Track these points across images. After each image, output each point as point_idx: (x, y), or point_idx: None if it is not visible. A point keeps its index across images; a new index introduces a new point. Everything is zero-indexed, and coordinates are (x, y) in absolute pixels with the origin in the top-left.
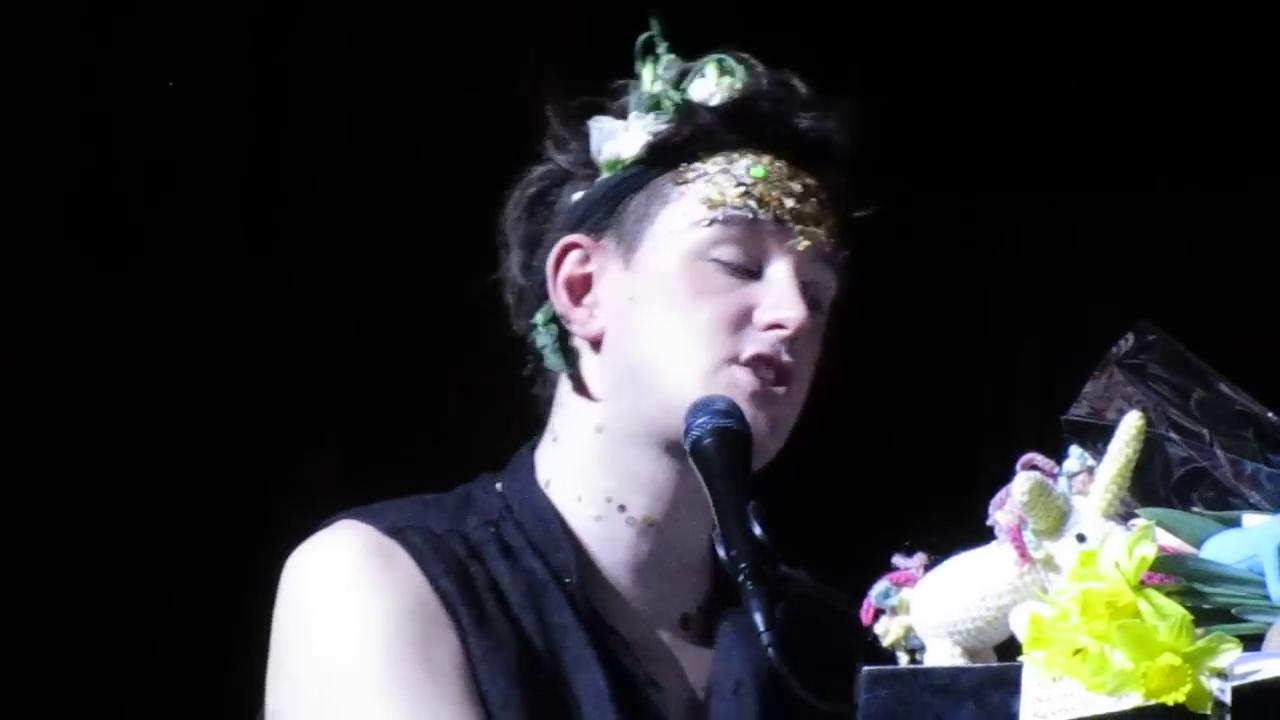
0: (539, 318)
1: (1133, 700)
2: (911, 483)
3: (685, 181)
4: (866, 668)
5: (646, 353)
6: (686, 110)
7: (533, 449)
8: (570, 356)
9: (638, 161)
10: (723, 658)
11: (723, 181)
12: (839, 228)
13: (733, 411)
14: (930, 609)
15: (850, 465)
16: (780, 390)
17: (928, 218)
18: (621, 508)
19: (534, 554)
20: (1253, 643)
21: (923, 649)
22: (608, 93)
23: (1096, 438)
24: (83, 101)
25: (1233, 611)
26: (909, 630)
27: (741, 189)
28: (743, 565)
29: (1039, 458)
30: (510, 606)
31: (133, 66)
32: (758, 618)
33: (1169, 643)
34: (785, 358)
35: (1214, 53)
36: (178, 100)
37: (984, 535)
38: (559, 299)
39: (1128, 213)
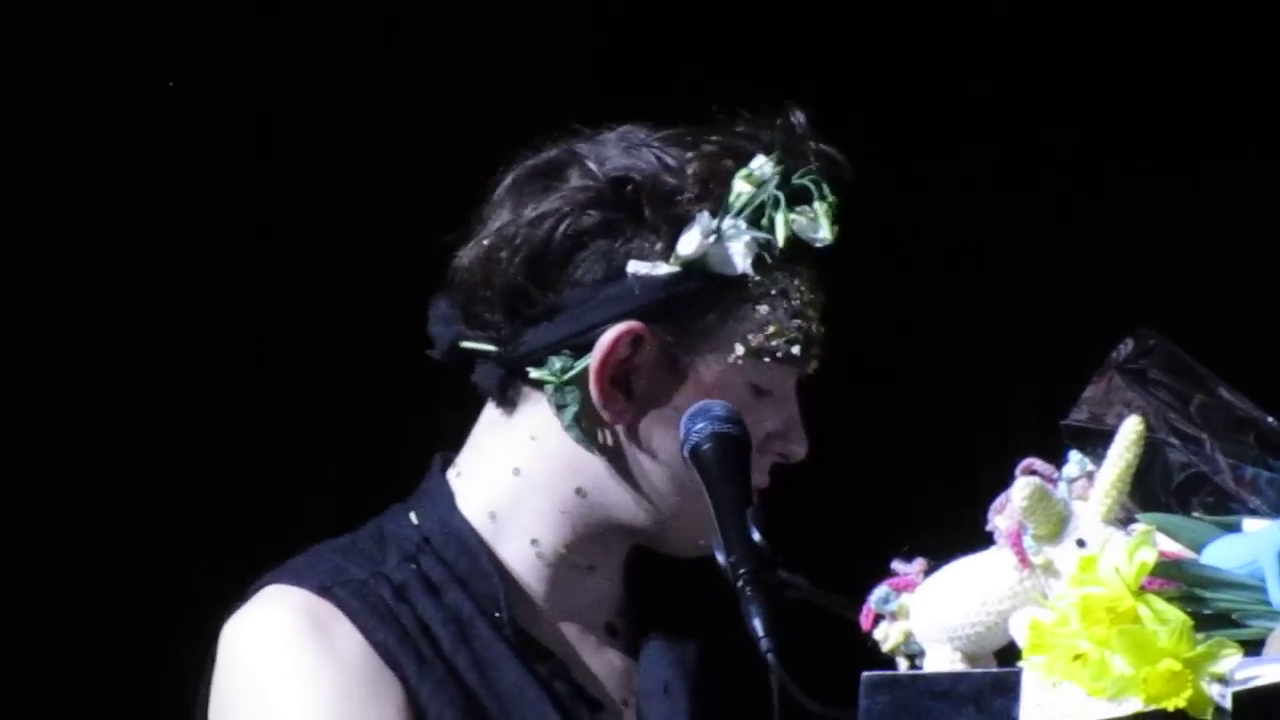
0: (557, 367)
1: (1133, 706)
2: (911, 488)
3: (755, 300)
4: (866, 673)
5: (665, 465)
6: (792, 244)
7: (444, 469)
8: (583, 421)
9: (725, 272)
10: (651, 660)
11: (782, 310)
12: None
13: (732, 417)
14: (930, 614)
15: (849, 470)
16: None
17: (927, 223)
18: (574, 562)
19: (459, 588)
20: (1253, 648)
21: (922, 654)
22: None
23: (1096, 443)
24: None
25: (1233, 617)
26: (908, 635)
27: (797, 323)
28: (741, 571)
29: (1038, 463)
30: (441, 646)
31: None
32: (757, 624)
33: (1169, 648)
34: (767, 480)
35: (1214, 57)
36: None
37: (983, 540)
38: (599, 380)
39: (1128, 217)
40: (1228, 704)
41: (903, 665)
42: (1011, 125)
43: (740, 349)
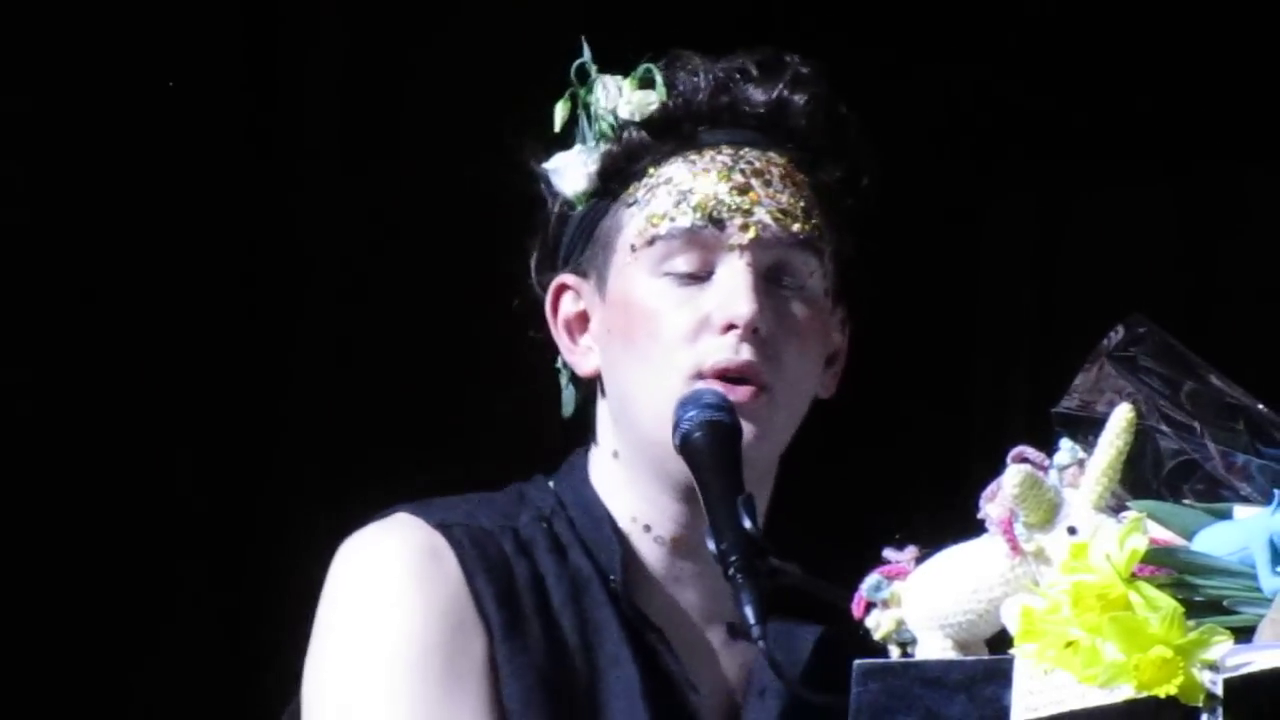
0: (559, 358)
1: (1124, 693)
2: (902, 475)
3: (635, 202)
4: (858, 661)
5: (625, 386)
6: (618, 131)
7: (586, 451)
8: (589, 389)
9: (595, 192)
10: (760, 664)
11: (662, 193)
12: (810, 205)
13: (722, 404)
14: (922, 602)
15: (840, 458)
16: (749, 391)
17: (918, 209)
18: (646, 528)
19: (582, 551)
20: (1244, 635)
21: (914, 642)
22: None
23: (1087, 430)
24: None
25: (1224, 604)
26: (900, 623)
27: (676, 197)
28: (733, 559)
29: (1030, 450)
30: (550, 604)
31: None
32: (748, 611)
33: (1160, 635)
34: (749, 357)
35: (1205, 43)
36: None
37: (975, 528)
38: (561, 341)
39: (1118, 205)
40: (1219, 690)
41: (894, 653)
42: (1003, 111)
43: (634, 247)
